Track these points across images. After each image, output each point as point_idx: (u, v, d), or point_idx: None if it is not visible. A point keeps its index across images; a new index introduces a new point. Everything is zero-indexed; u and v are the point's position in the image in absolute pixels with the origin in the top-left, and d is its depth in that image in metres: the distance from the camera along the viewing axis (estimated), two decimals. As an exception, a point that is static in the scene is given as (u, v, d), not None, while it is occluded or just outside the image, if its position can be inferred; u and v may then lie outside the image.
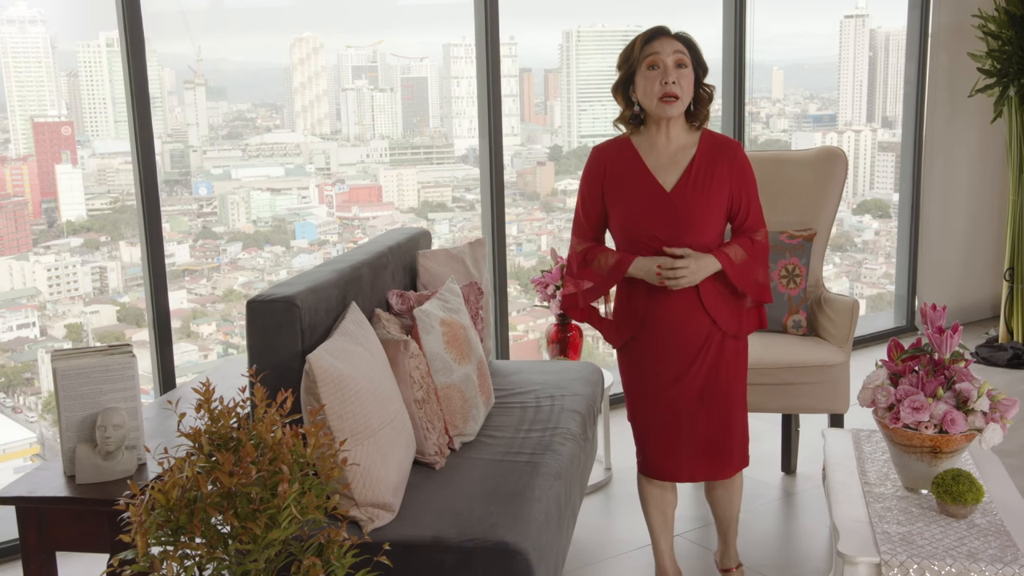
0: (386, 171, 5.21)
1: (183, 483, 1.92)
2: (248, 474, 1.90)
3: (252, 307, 2.32)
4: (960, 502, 2.46)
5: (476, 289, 2.97)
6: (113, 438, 2.16)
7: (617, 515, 3.40)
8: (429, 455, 2.52)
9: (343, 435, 2.20)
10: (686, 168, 2.48)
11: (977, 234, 5.62)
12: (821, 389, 3.30)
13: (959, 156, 5.49)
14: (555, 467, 2.56)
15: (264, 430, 1.99)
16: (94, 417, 2.19)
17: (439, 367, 2.62)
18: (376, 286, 2.75)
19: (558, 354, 3.55)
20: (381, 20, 5.25)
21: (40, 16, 4.48)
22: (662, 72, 2.42)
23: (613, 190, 2.52)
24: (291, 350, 2.32)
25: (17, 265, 4.50)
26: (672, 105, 2.43)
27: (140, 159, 3.23)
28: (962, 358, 2.64)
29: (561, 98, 5.45)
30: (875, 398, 2.62)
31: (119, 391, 2.22)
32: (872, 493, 2.63)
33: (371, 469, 2.23)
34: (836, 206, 3.64)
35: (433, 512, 2.30)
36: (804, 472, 3.65)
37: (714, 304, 2.51)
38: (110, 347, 2.26)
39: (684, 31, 2.50)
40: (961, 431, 2.48)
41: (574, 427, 2.81)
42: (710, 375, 2.54)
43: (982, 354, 4.90)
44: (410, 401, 2.49)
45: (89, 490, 2.17)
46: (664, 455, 2.61)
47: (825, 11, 6.15)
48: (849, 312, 3.37)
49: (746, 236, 2.55)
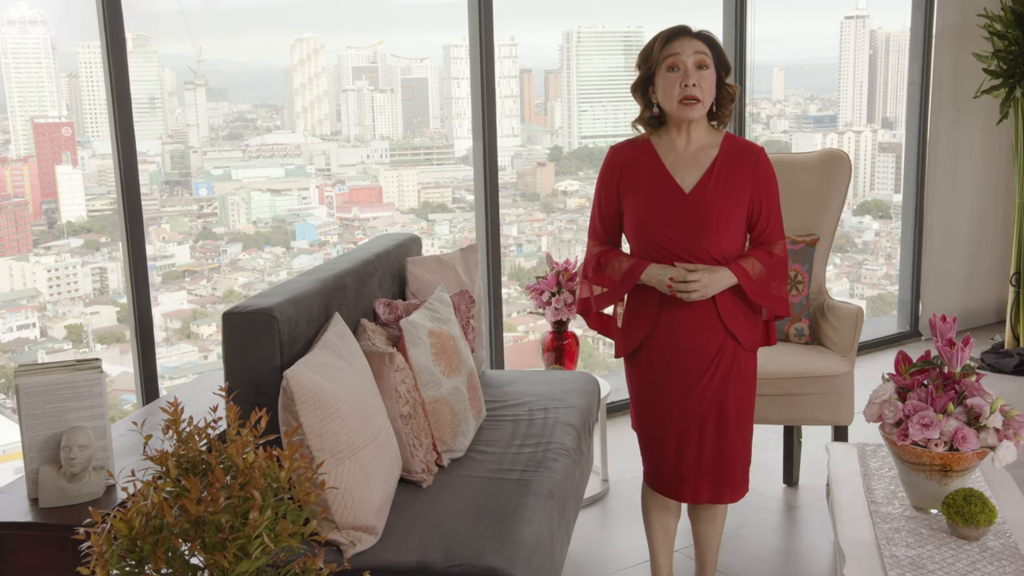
0: (386, 172, 5.14)
1: (147, 510, 1.75)
2: (217, 501, 1.73)
3: (228, 319, 2.14)
4: (972, 524, 2.29)
5: (467, 297, 2.78)
6: (78, 459, 1.99)
7: (614, 529, 3.21)
8: (416, 473, 2.35)
9: (323, 455, 2.02)
10: (707, 169, 2.31)
11: (982, 238, 5.45)
12: (824, 400, 3.11)
13: (964, 158, 5.30)
14: (548, 485, 2.38)
15: (235, 452, 1.82)
16: (59, 437, 2.01)
17: (427, 380, 2.44)
18: (362, 295, 2.57)
19: (554, 362, 3.36)
20: (381, 21, 5.20)
21: (41, 17, 4.42)
22: (682, 74, 2.25)
23: (629, 190, 2.36)
24: (269, 364, 2.14)
25: (17, 266, 4.44)
26: (693, 108, 2.27)
27: (122, 165, 3.06)
28: (973, 372, 2.47)
29: (561, 99, 5.36)
30: (882, 413, 2.45)
31: (86, 409, 2.04)
32: (879, 513, 2.45)
33: (353, 490, 2.06)
34: (840, 210, 3.45)
35: (418, 534, 2.13)
36: (806, 484, 3.45)
37: (732, 316, 2.35)
38: (78, 362, 2.08)
39: (707, 30, 2.33)
40: (973, 449, 2.32)
41: (568, 441, 2.63)
42: (720, 390, 2.37)
43: (988, 361, 4.70)
44: (396, 417, 2.31)
45: (52, 515, 1.99)
46: (668, 471, 2.44)
47: (825, 12, 6.05)
48: (853, 320, 3.18)
49: (764, 248, 2.37)
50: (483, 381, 3.03)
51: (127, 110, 3.02)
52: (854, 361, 3.18)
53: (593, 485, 3.38)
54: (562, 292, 3.28)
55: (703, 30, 2.33)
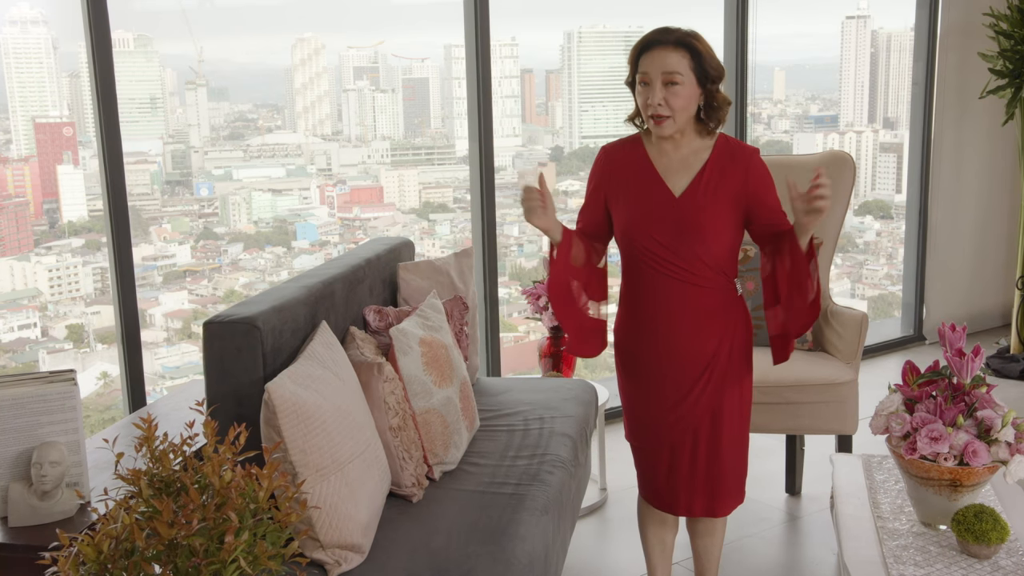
0: (387, 172, 5.08)
1: (116, 533, 1.62)
2: (190, 524, 1.60)
3: (209, 329, 2.01)
4: (983, 542, 2.15)
5: (461, 304, 2.65)
6: (50, 476, 1.86)
7: (612, 539, 3.07)
8: (405, 487, 2.22)
9: (307, 471, 1.90)
10: (698, 173, 2.19)
11: (987, 241, 5.29)
12: (828, 409, 2.96)
13: (968, 159, 5.15)
14: (542, 500, 2.25)
15: (212, 471, 1.69)
16: (30, 452, 1.89)
17: (417, 391, 2.30)
18: (351, 302, 2.43)
19: (550, 369, 3.22)
20: (382, 21, 5.14)
21: (42, 17, 4.37)
22: (650, 90, 2.12)
23: (618, 192, 2.24)
24: (252, 376, 2.01)
25: (18, 266, 4.38)
26: (662, 125, 2.14)
27: (107, 168, 2.94)
28: (984, 382, 2.33)
29: (562, 99, 5.29)
30: (889, 425, 2.32)
31: (59, 423, 1.91)
32: (886, 529, 2.31)
33: (338, 507, 1.94)
34: (844, 214, 3.30)
35: (407, 552, 2.00)
36: (810, 493, 3.29)
37: (786, 304, 2.19)
38: (51, 374, 1.95)
39: (690, 34, 2.14)
40: (984, 463, 2.20)
41: (564, 453, 2.49)
42: (714, 399, 2.24)
43: (993, 365, 4.53)
44: (384, 429, 2.18)
45: (22, 534, 1.86)
46: (662, 483, 2.31)
47: (827, 12, 5.96)
48: (858, 326, 3.03)
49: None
50: (477, 389, 2.89)
51: (113, 112, 2.90)
52: (858, 368, 3.03)
53: (591, 494, 3.24)
54: (560, 297, 3.13)
55: (685, 36, 2.13)
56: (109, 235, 2.94)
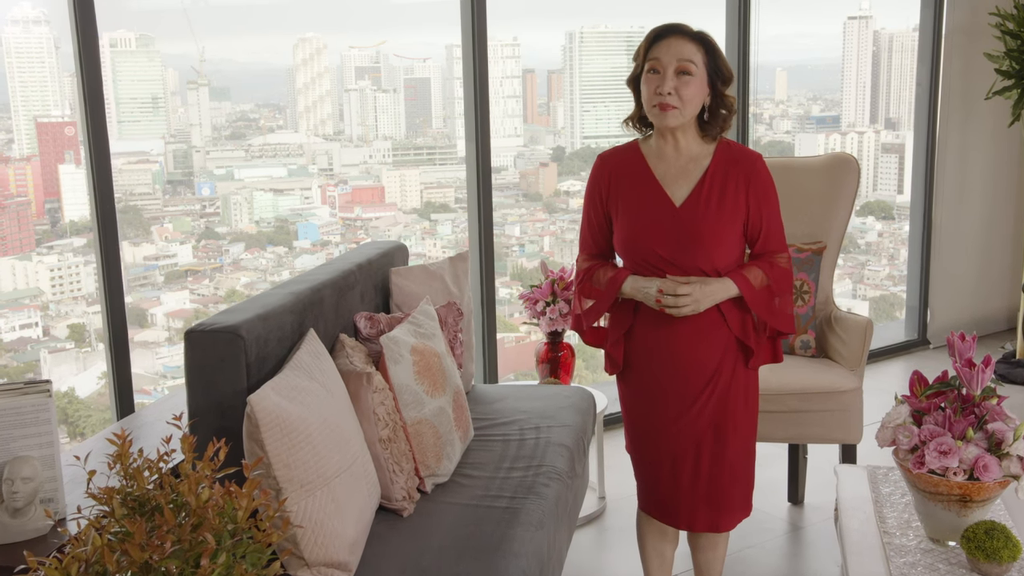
0: (389, 172, 5.01)
1: (85, 556, 1.51)
2: (163, 546, 1.49)
3: (190, 338, 1.90)
4: (994, 560, 2.03)
5: (455, 310, 2.52)
6: (22, 492, 1.75)
7: (611, 550, 2.95)
8: (396, 501, 2.10)
9: (291, 486, 1.78)
10: (699, 181, 2.08)
11: (992, 243, 5.15)
12: (832, 417, 2.84)
13: (973, 161, 5.01)
14: (537, 514, 2.13)
15: (188, 490, 1.58)
16: (1, 468, 1.78)
17: (409, 400, 2.19)
18: (341, 309, 2.32)
19: (548, 375, 3.10)
20: (384, 21, 5.07)
21: (44, 16, 4.30)
22: (660, 78, 2.02)
23: (618, 202, 2.13)
24: (235, 387, 1.90)
25: (20, 265, 4.32)
26: (667, 114, 2.03)
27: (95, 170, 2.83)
28: (994, 394, 2.21)
29: (564, 99, 5.20)
30: (896, 438, 2.19)
31: (32, 437, 1.80)
32: (892, 545, 2.19)
33: (324, 524, 1.82)
34: (848, 217, 3.17)
35: (396, 569, 1.89)
36: (813, 503, 3.17)
37: (741, 326, 2.13)
38: (25, 385, 1.84)
39: (704, 31, 2.07)
40: (995, 478, 2.08)
41: (561, 464, 2.37)
42: (718, 410, 2.12)
43: (999, 371, 4.39)
44: (374, 441, 2.07)
45: (-8, 553, 1.76)
46: (664, 496, 2.20)
47: (829, 12, 5.86)
48: (862, 332, 2.91)
49: (766, 259, 2.13)
50: (473, 397, 2.78)
51: (100, 114, 2.79)
52: (863, 376, 2.90)
53: (589, 503, 3.12)
54: (557, 302, 3.02)
55: (702, 32, 2.07)
56: (96, 238, 2.83)
